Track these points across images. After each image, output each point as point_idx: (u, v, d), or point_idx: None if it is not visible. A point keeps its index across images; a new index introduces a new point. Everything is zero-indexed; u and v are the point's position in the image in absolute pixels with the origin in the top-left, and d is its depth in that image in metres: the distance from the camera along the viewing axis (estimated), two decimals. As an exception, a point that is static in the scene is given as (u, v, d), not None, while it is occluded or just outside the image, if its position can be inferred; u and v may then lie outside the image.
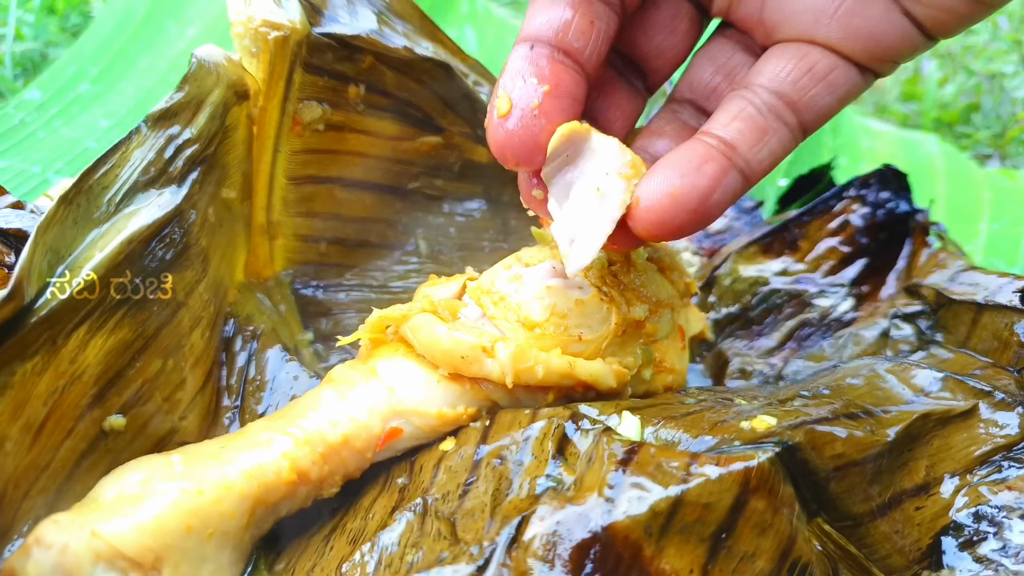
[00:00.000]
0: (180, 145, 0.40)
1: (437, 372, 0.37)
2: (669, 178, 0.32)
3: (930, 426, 0.38)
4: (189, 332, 0.40)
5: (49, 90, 0.76)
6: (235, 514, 0.33)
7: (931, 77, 1.27)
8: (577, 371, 0.37)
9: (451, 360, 0.36)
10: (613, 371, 0.38)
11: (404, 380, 0.37)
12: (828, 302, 0.54)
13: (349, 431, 0.35)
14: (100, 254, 0.36)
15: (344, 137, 0.49)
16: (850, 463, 0.36)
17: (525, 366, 0.36)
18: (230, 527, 0.33)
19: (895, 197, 0.55)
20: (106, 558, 0.30)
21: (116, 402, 0.38)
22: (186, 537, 0.31)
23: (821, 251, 0.56)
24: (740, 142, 0.32)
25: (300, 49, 0.44)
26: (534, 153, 0.32)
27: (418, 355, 0.37)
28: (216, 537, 0.32)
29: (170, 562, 0.31)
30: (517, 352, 0.36)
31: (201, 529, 0.32)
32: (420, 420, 0.36)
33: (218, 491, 0.33)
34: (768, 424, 0.35)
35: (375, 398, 0.36)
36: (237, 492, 0.33)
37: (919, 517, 0.36)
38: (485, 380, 0.37)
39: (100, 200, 0.38)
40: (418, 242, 0.54)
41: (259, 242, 0.47)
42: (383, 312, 0.38)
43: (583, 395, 0.38)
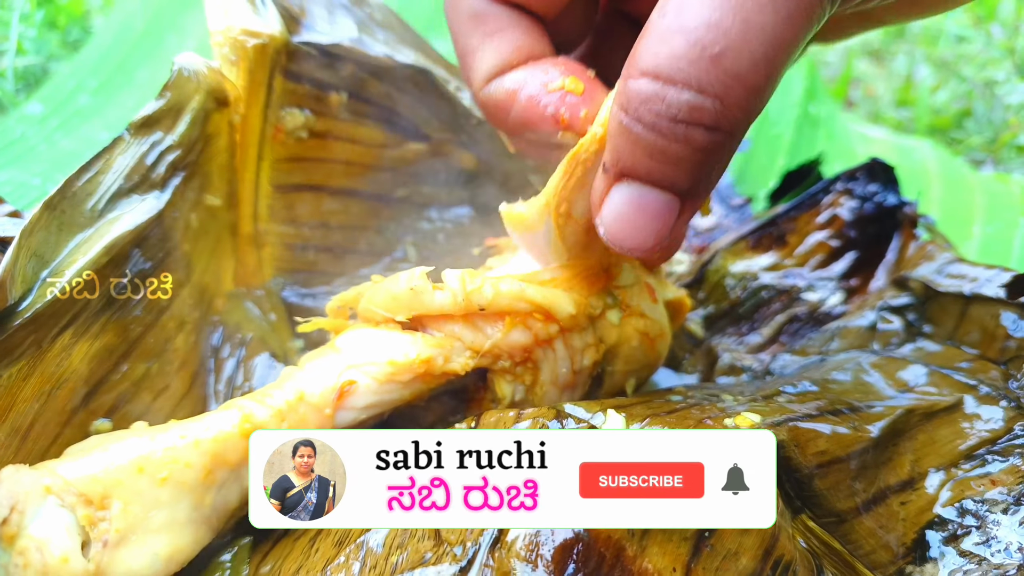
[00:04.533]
0: (162, 151, 0.40)
1: (392, 329, 0.37)
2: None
3: (915, 421, 0.38)
4: (173, 336, 0.40)
5: (50, 103, 0.76)
6: (192, 464, 0.32)
7: (924, 84, 1.26)
8: (528, 294, 0.36)
9: (402, 299, 0.36)
10: (571, 298, 0.37)
11: (359, 343, 0.37)
12: (817, 296, 0.53)
13: (304, 387, 0.35)
14: (83, 258, 0.36)
15: (329, 145, 0.48)
16: (834, 460, 0.35)
17: (474, 287, 0.35)
18: (186, 477, 0.32)
19: (883, 190, 0.55)
20: (56, 491, 0.30)
21: (102, 406, 0.38)
22: (138, 477, 0.31)
23: (810, 245, 0.55)
24: None
25: (279, 57, 0.44)
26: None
27: (375, 323, 0.37)
28: (171, 484, 0.32)
29: (120, 499, 0.31)
30: (465, 273, 0.36)
31: (153, 472, 0.32)
32: (372, 369, 0.36)
33: (174, 439, 0.32)
34: (752, 421, 0.34)
35: (331, 362, 0.36)
36: (193, 441, 0.33)
37: (904, 512, 0.36)
38: (442, 319, 0.36)
39: (83, 206, 0.38)
40: (407, 249, 0.54)
41: (247, 251, 0.47)
42: (339, 296, 0.39)
43: (545, 328, 0.37)
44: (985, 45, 1.35)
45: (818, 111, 0.90)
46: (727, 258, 0.57)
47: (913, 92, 1.26)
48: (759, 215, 0.60)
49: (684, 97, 0.27)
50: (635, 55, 0.28)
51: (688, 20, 0.27)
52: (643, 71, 0.28)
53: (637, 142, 0.29)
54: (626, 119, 0.29)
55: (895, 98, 1.26)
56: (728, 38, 0.26)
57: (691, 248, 0.63)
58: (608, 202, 0.31)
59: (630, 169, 0.30)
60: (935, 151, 0.94)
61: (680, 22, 0.27)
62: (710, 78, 0.27)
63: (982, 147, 1.10)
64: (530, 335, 0.37)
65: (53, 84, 0.78)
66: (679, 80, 0.27)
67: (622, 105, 0.29)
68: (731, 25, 0.26)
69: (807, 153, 0.83)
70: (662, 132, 0.28)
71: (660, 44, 0.27)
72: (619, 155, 0.30)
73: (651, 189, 0.30)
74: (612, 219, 0.31)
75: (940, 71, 1.31)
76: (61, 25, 0.90)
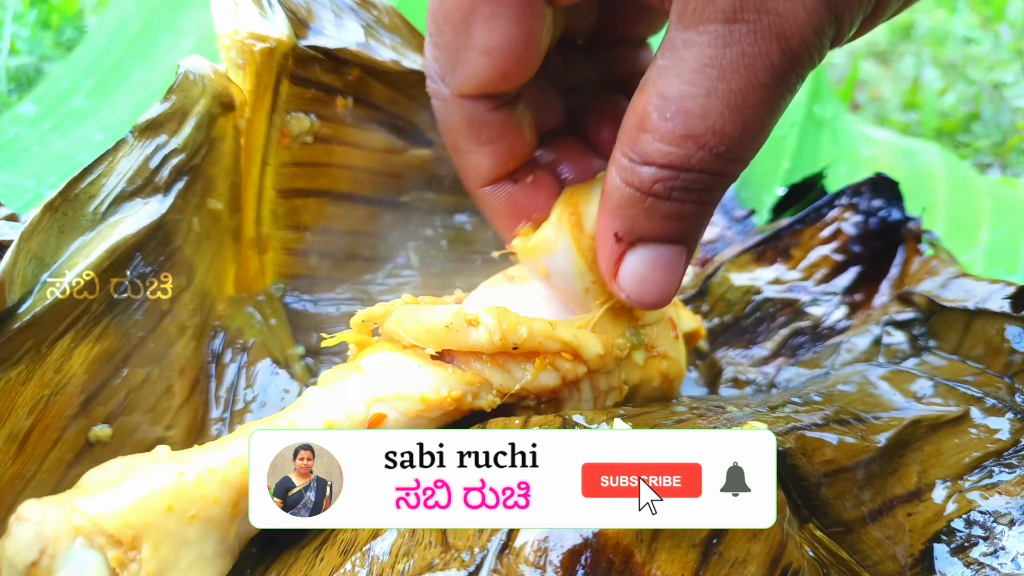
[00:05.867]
0: (166, 155, 0.41)
1: (420, 358, 0.37)
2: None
3: (921, 432, 0.39)
4: (175, 341, 0.41)
5: (43, 104, 0.77)
6: (219, 500, 0.33)
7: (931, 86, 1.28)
8: (559, 332, 0.37)
9: (437, 334, 0.37)
10: (599, 338, 0.38)
11: (387, 369, 0.37)
12: (821, 310, 0.54)
13: (332, 418, 0.36)
14: (85, 261, 0.37)
15: (333, 150, 0.49)
16: (841, 469, 0.36)
17: (509, 325, 0.36)
18: (214, 513, 0.33)
19: (887, 205, 0.56)
20: (85, 533, 0.30)
21: (102, 412, 0.38)
22: (167, 517, 0.32)
23: (814, 259, 0.56)
24: None
25: (286, 61, 0.44)
26: None
27: (403, 348, 0.38)
28: (199, 521, 0.32)
29: (150, 541, 0.31)
30: (501, 312, 0.36)
31: (182, 510, 0.32)
32: (403, 404, 0.36)
33: (201, 475, 0.33)
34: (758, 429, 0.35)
35: (358, 388, 0.37)
36: (220, 476, 0.33)
37: (911, 523, 0.36)
38: (470, 354, 0.37)
39: (86, 209, 0.38)
40: (409, 255, 0.54)
41: (249, 256, 0.48)
42: (366, 311, 0.39)
43: (573, 369, 0.38)
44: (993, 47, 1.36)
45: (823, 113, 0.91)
46: (731, 271, 0.57)
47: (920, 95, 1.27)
48: (762, 228, 0.61)
49: (694, 176, 0.31)
50: (639, 145, 0.31)
51: (693, 126, 0.30)
52: (651, 161, 0.31)
53: (652, 211, 0.32)
54: (638, 194, 0.32)
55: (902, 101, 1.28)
56: (731, 139, 0.30)
57: (694, 260, 0.64)
58: (625, 268, 0.35)
59: (647, 234, 0.33)
60: (942, 155, 0.95)
61: (686, 127, 0.30)
62: (719, 163, 0.31)
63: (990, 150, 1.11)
64: (558, 377, 0.38)
65: (47, 85, 0.79)
66: (691, 167, 0.31)
67: (630, 182, 0.32)
68: (733, 129, 0.30)
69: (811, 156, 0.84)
70: (678, 199, 0.32)
71: (666, 142, 0.31)
72: (633, 224, 0.33)
73: (666, 247, 0.34)
74: (633, 282, 0.35)
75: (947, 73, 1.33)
76: (54, 25, 0.91)
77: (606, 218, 0.34)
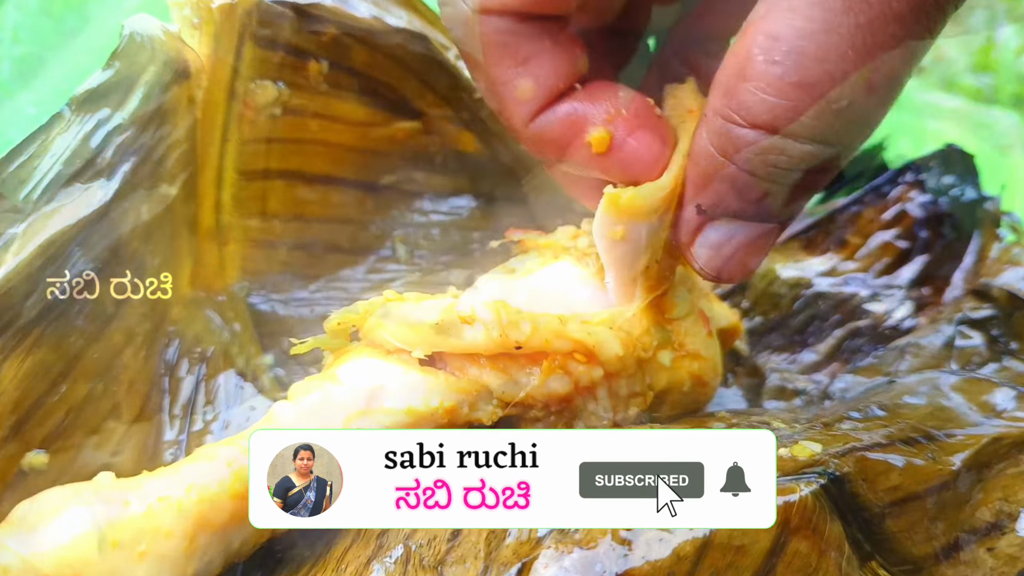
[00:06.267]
0: (110, 132, 0.41)
1: (406, 364, 0.37)
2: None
3: (1003, 451, 0.38)
4: (121, 351, 0.41)
5: (-36, 74, 0.77)
6: (172, 533, 0.33)
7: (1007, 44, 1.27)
8: (570, 329, 0.36)
9: (425, 335, 0.36)
10: (619, 336, 0.37)
11: (368, 378, 0.37)
12: (882, 307, 0.54)
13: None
14: (14, 259, 0.37)
15: (305, 123, 0.49)
16: (909, 496, 0.36)
17: (510, 320, 0.36)
18: (167, 549, 0.33)
19: (960, 182, 0.56)
20: (15, 575, 0.31)
21: (36, 435, 0.38)
22: (111, 553, 0.32)
23: (873, 247, 0.56)
24: None
25: (250, 19, 0.45)
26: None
27: (387, 353, 0.37)
28: (150, 559, 0.32)
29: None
30: (500, 305, 0.36)
31: (131, 546, 0.32)
32: (387, 419, 0.36)
33: (151, 504, 0.33)
34: (811, 451, 0.35)
35: (334, 403, 0.36)
36: (175, 506, 0.33)
37: (992, 560, 0.36)
38: (466, 358, 0.37)
39: (15, 196, 0.38)
40: (395, 246, 0.54)
41: (207, 248, 0.48)
42: (343, 311, 0.39)
43: (587, 373, 0.37)
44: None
45: (881, 79, 0.90)
46: (775, 261, 0.57)
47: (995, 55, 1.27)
48: (813, 210, 0.61)
49: (806, 149, 0.30)
50: (736, 98, 0.30)
51: (807, 72, 0.28)
52: (754, 122, 0.30)
53: (747, 189, 0.32)
54: (733, 168, 0.31)
55: (972, 62, 1.27)
56: (854, 91, 0.29)
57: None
58: (704, 239, 0.35)
59: (737, 212, 0.33)
60: (1022, 126, 0.95)
61: (799, 72, 0.28)
62: (835, 130, 0.30)
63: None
64: (569, 383, 0.37)
65: (-32, 50, 0.79)
66: (802, 135, 0.30)
67: (724, 150, 0.31)
68: (854, 75, 0.28)
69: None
70: (777, 181, 0.31)
71: (773, 92, 0.29)
72: (722, 200, 0.33)
73: (756, 225, 0.34)
74: (710, 255, 0.35)
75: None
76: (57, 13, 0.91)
77: (691, 186, 0.33)
